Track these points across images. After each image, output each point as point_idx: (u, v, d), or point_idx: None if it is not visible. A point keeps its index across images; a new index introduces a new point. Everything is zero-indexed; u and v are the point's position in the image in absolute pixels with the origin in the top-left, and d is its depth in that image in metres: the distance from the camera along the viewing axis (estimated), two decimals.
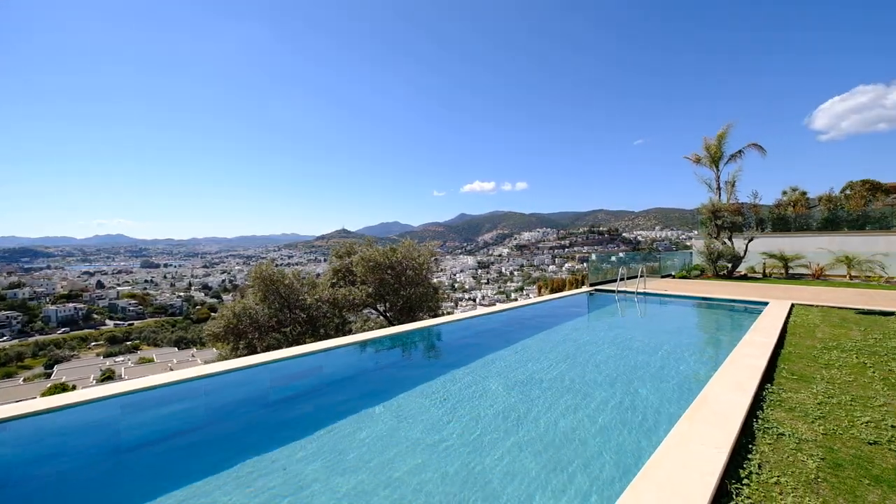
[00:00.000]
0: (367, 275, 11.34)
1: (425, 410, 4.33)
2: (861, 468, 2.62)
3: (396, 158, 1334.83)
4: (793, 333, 6.24)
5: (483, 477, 3.02)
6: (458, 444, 3.51)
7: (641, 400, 4.40)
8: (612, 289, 12.46)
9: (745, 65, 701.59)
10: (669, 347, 6.59)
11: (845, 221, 17.07)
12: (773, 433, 3.07)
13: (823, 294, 10.35)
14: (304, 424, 4.16)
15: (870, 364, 4.69)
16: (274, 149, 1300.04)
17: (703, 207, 17.40)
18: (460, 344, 7.46)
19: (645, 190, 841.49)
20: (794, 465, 2.65)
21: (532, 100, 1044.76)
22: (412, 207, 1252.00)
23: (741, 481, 2.48)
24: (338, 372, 6.01)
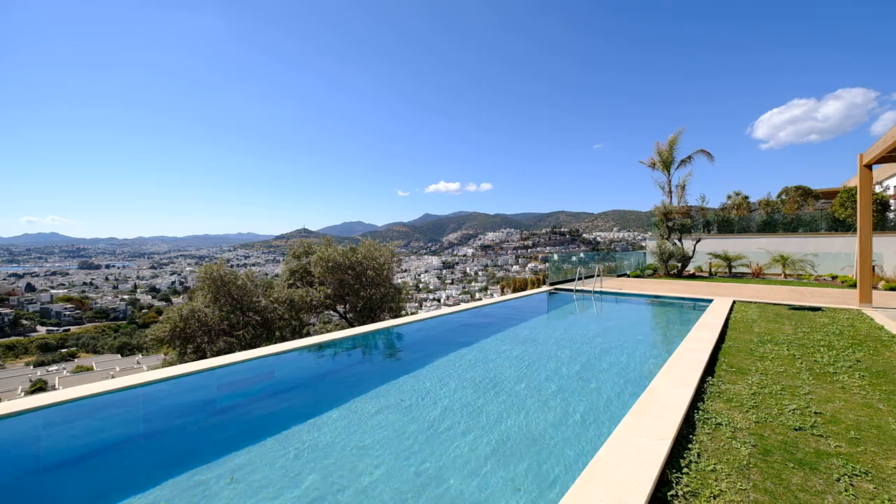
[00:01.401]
0: (325, 275, 11.05)
1: (385, 412, 4.25)
2: (787, 453, 2.82)
3: (361, 157, 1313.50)
4: (733, 328, 6.68)
5: (441, 476, 3.00)
6: (419, 444, 3.47)
7: (594, 394, 4.54)
8: (570, 288, 12.86)
9: (696, 77, 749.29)
10: (622, 344, 6.87)
11: (781, 224, 18.55)
12: (711, 423, 3.25)
13: (761, 291, 11.19)
14: (256, 431, 3.96)
15: (798, 356, 5.09)
16: (229, 146, 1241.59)
17: (657, 210, 18.35)
18: (423, 344, 7.41)
19: (604, 192, 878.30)
20: (729, 453, 2.81)
21: (499, 100, 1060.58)
22: (376, 207, 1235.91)
23: (681, 470, 2.60)
24: (293, 376, 5.79)
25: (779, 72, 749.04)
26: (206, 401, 4.89)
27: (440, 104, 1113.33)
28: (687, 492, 2.39)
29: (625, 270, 18.48)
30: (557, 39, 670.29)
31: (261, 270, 71.57)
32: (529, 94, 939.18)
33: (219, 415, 4.53)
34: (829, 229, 16.96)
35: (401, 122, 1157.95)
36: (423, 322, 8.34)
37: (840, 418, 3.34)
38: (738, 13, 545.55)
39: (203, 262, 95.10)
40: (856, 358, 4.96)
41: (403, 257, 16.74)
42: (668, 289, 12.11)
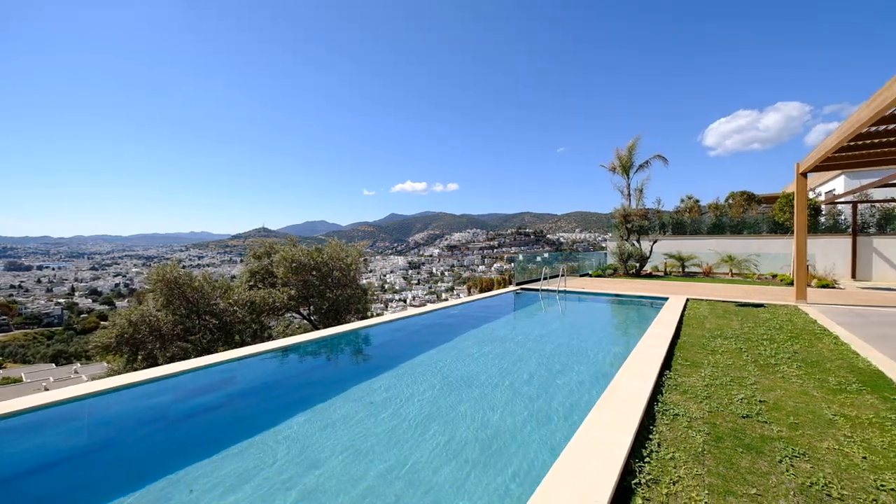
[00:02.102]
0: (289, 276, 10.73)
1: (352, 416, 4.20)
2: (736, 439, 3.06)
3: (325, 155, 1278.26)
4: (687, 325, 7.13)
5: (414, 476, 3.01)
6: (386, 446, 3.46)
7: (562, 391, 4.71)
8: (536, 287, 13.20)
9: (651, 86, 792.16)
10: (586, 341, 7.15)
11: (728, 227, 19.92)
12: (669, 414, 3.47)
13: (711, 290, 11.98)
14: (216, 440, 3.80)
15: (744, 349, 5.51)
16: (180, 142, 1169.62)
17: (616, 212, 19.21)
18: (390, 346, 7.37)
19: (567, 194, 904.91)
20: (686, 441, 3.02)
21: (466, 100, 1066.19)
22: (340, 206, 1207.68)
23: (643, 459, 2.76)
24: (255, 381, 5.58)
25: (726, 84, 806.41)
26: (160, 410, 4.63)
27: (407, 103, 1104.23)
28: (649, 479, 2.54)
29: (587, 270, 19.19)
30: (525, 39, 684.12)
31: (216, 271, 68.16)
32: (496, 94, 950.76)
33: (174, 425, 4.31)
34: (770, 232, 18.40)
35: (366, 120, 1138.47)
36: (392, 323, 8.29)
37: (781, 405, 3.66)
38: (689, 33, 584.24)
39: (151, 262, 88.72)
40: (793, 350, 5.44)
41: (369, 257, 16.49)
42: (628, 288, 12.71)
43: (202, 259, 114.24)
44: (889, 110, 5.04)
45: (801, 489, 2.45)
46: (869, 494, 2.40)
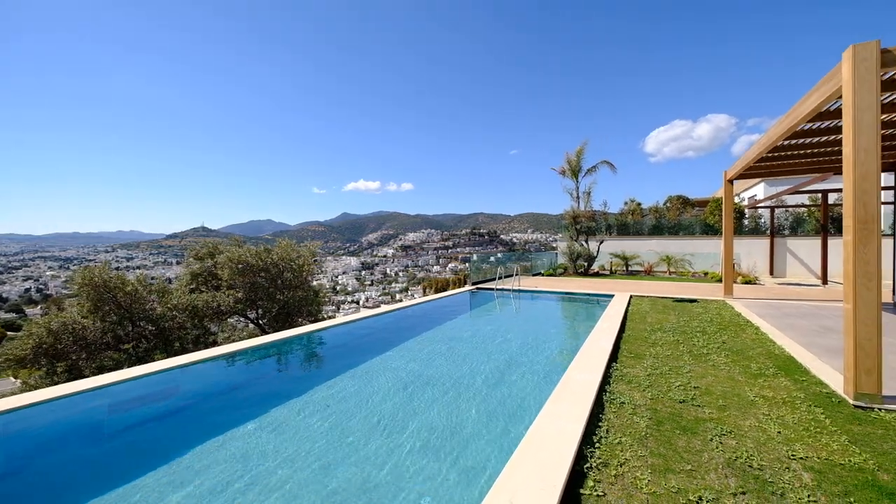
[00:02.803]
0: (235, 278, 10.20)
1: (304, 422, 4.11)
2: (674, 422, 3.37)
3: (270, 152, 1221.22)
4: (631, 320, 7.65)
5: (371, 481, 3.01)
6: (340, 451, 3.43)
7: (517, 386, 4.90)
8: (491, 287, 13.53)
9: (602, 93, 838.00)
10: (540, 337, 7.46)
11: (667, 228, 21.52)
12: (616, 403, 3.74)
13: (652, 287, 12.91)
14: (151, 455, 3.57)
15: (681, 341, 6.03)
16: (104, 137, 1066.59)
17: (566, 214, 20.12)
18: (344, 348, 7.25)
19: (519, 195, 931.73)
20: (631, 427, 3.28)
21: (422, 100, 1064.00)
22: (288, 205, 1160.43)
23: (594, 445, 2.97)
24: (198, 391, 5.28)
25: (665, 96, 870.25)
26: (89, 426, 4.27)
27: (363, 102, 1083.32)
28: (599, 463, 2.74)
29: (539, 270, 19.91)
30: (482, 38, 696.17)
31: (149, 274, 62.86)
32: (453, 95, 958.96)
33: (104, 442, 3.99)
34: (703, 233, 20.11)
35: (317, 118, 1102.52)
36: (348, 325, 8.15)
37: (712, 390, 4.07)
38: (632, 44, 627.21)
39: (71, 265, 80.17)
40: (722, 340, 6.03)
41: (321, 258, 16.03)
42: (577, 286, 13.38)
43: (132, 261, 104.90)
44: (799, 126, 5.74)
45: (728, 462, 2.76)
46: (783, 463, 2.75)
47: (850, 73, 3.73)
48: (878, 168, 3.68)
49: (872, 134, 3.64)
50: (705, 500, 2.35)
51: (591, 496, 2.41)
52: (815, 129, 6.43)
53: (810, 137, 6.80)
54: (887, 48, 3.68)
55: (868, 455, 2.82)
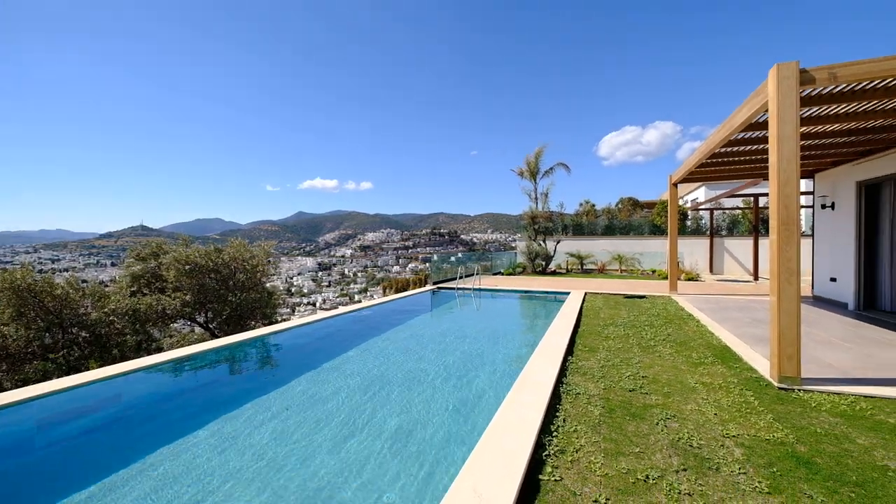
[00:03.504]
0: (182, 279, 9.64)
1: (258, 429, 4.00)
2: (625, 410, 3.62)
3: (218, 147, 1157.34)
4: (586, 315, 8.05)
5: (334, 481, 3.01)
6: (300, 452, 3.39)
7: (480, 381, 5.03)
8: (452, 286, 13.68)
9: (557, 98, 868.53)
10: (500, 335, 7.67)
11: (618, 228, 22.69)
12: (572, 394, 3.96)
13: (605, 284, 13.60)
14: (88, 472, 3.35)
15: (631, 334, 6.43)
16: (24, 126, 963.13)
17: (525, 214, 20.72)
18: (302, 351, 7.09)
19: (479, 196, 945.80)
20: (586, 415, 3.48)
21: (381, 96, 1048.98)
22: (239, 203, 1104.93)
23: (552, 434, 3.13)
24: (141, 400, 4.98)
25: (615, 103, 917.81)
26: (5, 446, 3.92)
27: (318, 98, 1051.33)
28: (556, 450, 2.90)
29: (499, 269, 20.35)
30: (448, 38, 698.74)
31: (80, 276, 57.66)
32: (415, 95, 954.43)
33: (24, 461, 3.69)
34: (651, 233, 21.41)
35: (267, 113, 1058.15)
36: (305, 327, 7.96)
37: (658, 379, 4.40)
38: (589, 55, 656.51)
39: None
40: (667, 333, 6.49)
41: (275, 258, 15.37)
42: (536, 284, 13.84)
43: (58, 262, 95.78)
44: (733, 135, 6.29)
45: (672, 443, 3.01)
46: (718, 441, 3.04)
47: (775, 89, 4.17)
48: (798, 175, 4.14)
49: (793, 144, 4.09)
50: (651, 479, 2.57)
51: (550, 481, 2.55)
52: (747, 139, 7.07)
53: (743, 146, 7.46)
54: (805, 68, 4.14)
55: (788, 430, 3.18)
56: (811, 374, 4.35)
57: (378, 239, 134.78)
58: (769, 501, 2.35)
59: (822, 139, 7.00)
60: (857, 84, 4.61)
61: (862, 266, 8.20)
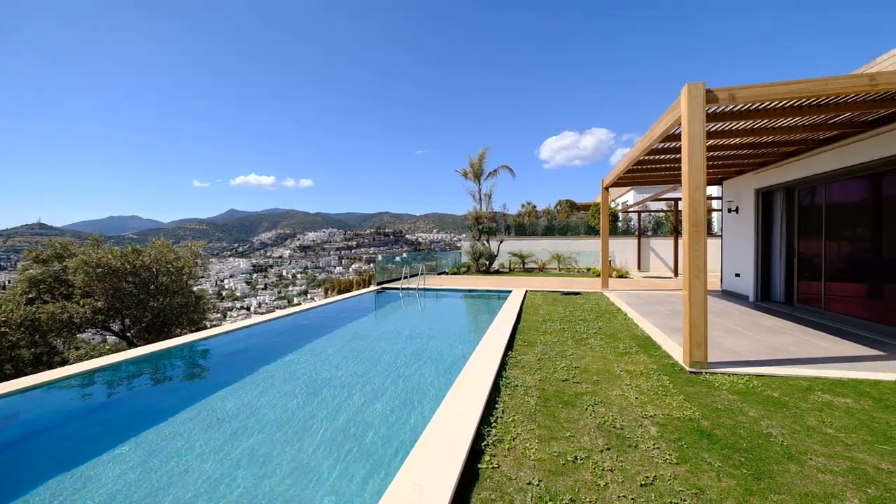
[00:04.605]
0: (93, 284, 8.73)
1: (183, 443, 3.80)
2: (558, 398, 3.91)
3: (137, 138, 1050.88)
4: (526, 312, 8.46)
5: (273, 491, 2.95)
6: (234, 463, 3.28)
7: (423, 379, 5.13)
8: (396, 287, 13.68)
9: (504, 97, 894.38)
10: (445, 332, 7.83)
11: (557, 229, 23.94)
12: (511, 386, 4.19)
13: (545, 282, 14.32)
14: None
15: (566, 329, 6.88)
16: None
17: (470, 215, 21.19)
18: (235, 357, 6.75)
19: (425, 195, 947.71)
20: (523, 405, 3.72)
21: (323, 95, 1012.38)
22: (161, 199, 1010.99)
23: (491, 425, 3.31)
24: (42, 419, 4.50)
25: (555, 108, 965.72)
26: None
27: (248, 91, 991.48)
28: (495, 440, 3.08)
29: (444, 269, 20.64)
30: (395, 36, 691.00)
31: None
32: (357, 92, 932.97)
33: None
34: (586, 233, 22.83)
35: (194, 102, 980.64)
36: (238, 332, 7.58)
37: (589, 369, 4.77)
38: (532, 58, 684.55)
39: None
40: (599, 326, 7.03)
41: (204, 259, 14.25)
42: (479, 283, 14.23)
43: None
44: (654, 145, 6.96)
45: (598, 427, 3.32)
46: (638, 422, 3.39)
47: (686, 106, 4.70)
48: (704, 182, 4.70)
49: (701, 154, 4.65)
50: (579, 459, 2.82)
51: (488, 468, 2.71)
52: (667, 148, 7.83)
53: (663, 154, 8.26)
54: (710, 89, 4.71)
55: (696, 408, 3.63)
56: (716, 359, 4.96)
57: (319, 239, 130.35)
58: (676, 470, 2.68)
59: (727, 151, 7.94)
60: (751, 104, 5.31)
61: (760, 263, 9.41)
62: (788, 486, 2.51)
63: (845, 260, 7.20)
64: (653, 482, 2.55)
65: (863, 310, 6.70)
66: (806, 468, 2.70)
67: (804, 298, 8.20)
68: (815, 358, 5.05)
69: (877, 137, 6.13)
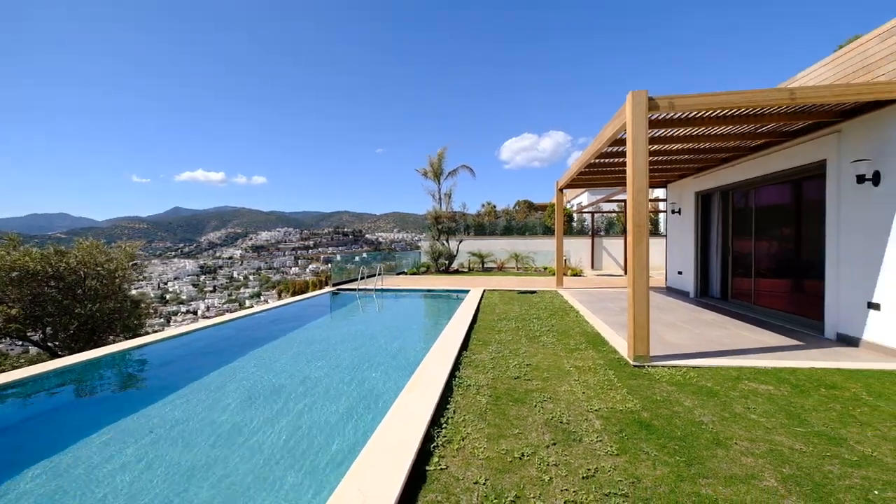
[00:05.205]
0: (7, 289, 7.91)
1: (115, 460, 3.54)
2: (509, 396, 3.99)
3: (61, 129, 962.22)
4: (482, 311, 8.57)
5: (243, 483, 2.80)
6: (171, 478, 3.09)
7: (375, 382, 5.07)
8: (353, 287, 13.43)
9: (462, 102, 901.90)
10: (401, 333, 7.78)
11: (516, 229, 24.46)
12: (463, 385, 4.23)
13: (503, 281, 14.58)
14: None
15: (521, 327, 7.04)
16: None
17: (430, 214, 21.20)
18: (173, 367, 6.35)
19: (385, 195, 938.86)
20: (474, 405, 3.76)
21: (281, 89, 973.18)
22: (95, 195, 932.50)
23: (441, 426, 3.33)
24: None
25: (517, 110, 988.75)
26: None
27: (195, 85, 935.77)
28: (444, 441, 3.10)
29: (403, 269, 20.52)
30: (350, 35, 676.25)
31: None
32: (314, 88, 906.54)
33: None
34: (544, 233, 23.50)
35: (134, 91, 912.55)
36: (179, 338, 7.14)
37: (540, 366, 4.91)
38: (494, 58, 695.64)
39: None
40: (552, 324, 7.25)
41: (143, 261, 13.23)
42: (438, 283, 14.27)
43: None
44: (603, 149, 7.28)
45: (546, 422, 3.42)
46: (583, 416, 3.53)
47: (630, 112, 4.94)
48: (647, 184, 4.97)
49: (644, 158, 4.90)
50: (526, 456, 2.89)
51: (436, 470, 2.72)
52: (615, 152, 8.20)
53: (613, 158, 8.64)
54: (652, 97, 4.97)
55: (637, 401, 3.83)
56: (658, 353, 5.25)
57: (274, 238, 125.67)
58: (616, 461, 2.82)
59: (670, 156, 8.44)
60: (689, 112, 5.68)
61: (699, 261, 10.09)
62: (715, 470, 2.70)
63: (771, 258, 7.87)
64: (594, 474, 2.66)
65: (786, 304, 7.35)
66: (731, 452, 2.91)
67: (737, 294, 8.88)
68: (745, 349, 5.48)
69: (796, 147, 6.74)
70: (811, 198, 6.69)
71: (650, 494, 2.46)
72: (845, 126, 5.80)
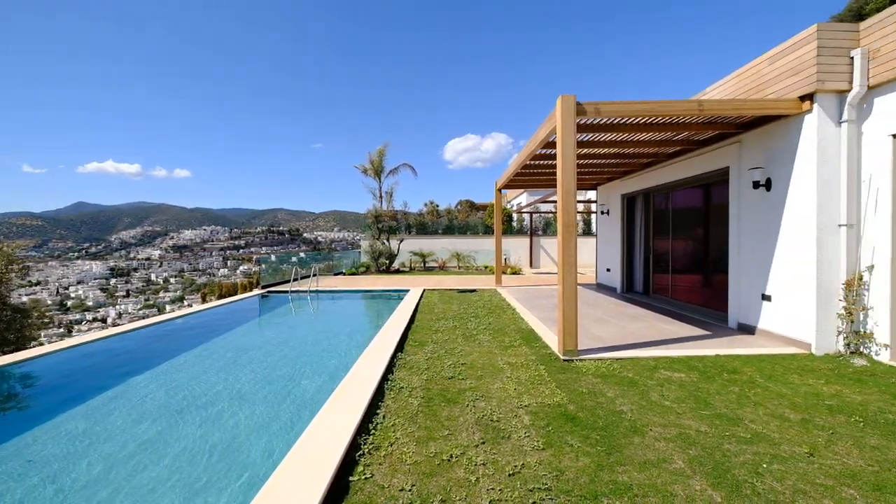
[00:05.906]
0: None
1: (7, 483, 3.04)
2: (442, 397, 3.97)
3: None
4: (421, 311, 8.53)
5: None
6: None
7: (303, 387, 4.82)
8: (285, 289, 12.80)
9: (409, 99, 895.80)
10: (333, 337, 7.50)
11: (457, 228, 24.73)
12: (396, 388, 4.15)
13: (444, 281, 14.65)
14: None
15: (458, 326, 7.09)
16: None
17: (369, 213, 20.78)
18: (66, 381, 5.62)
19: (324, 192, 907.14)
20: (406, 408, 3.70)
21: (211, 76, 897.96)
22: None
23: (369, 432, 3.23)
24: None
25: (460, 110, 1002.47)
26: None
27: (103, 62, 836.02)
28: (371, 448, 3.00)
29: (343, 269, 19.92)
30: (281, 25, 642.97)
31: None
32: (245, 75, 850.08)
33: None
34: (485, 233, 23.99)
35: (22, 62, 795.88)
36: (73, 350, 6.33)
37: (475, 364, 4.96)
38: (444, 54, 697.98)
39: None
40: (489, 322, 7.39)
41: (35, 263, 11.47)
42: (378, 283, 14.02)
43: None
44: (537, 151, 7.54)
45: (477, 421, 3.44)
46: (513, 413, 3.60)
47: (560, 116, 5.14)
48: (575, 186, 5.19)
49: (572, 161, 5.12)
50: (454, 457, 2.88)
51: (360, 480, 2.62)
52: (548, 154, 8.55)
53: (547, 160, 9.00)
54: (580, 102, 5.21)
55: (564, 394, 3.98)
56: (585, 346, 5.54)
57: (199, 237, 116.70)
58: (542, 456, 2.90)
59: (598, 159, 8.94)
60: (614, 118, 6.04)
61: (625, 259, 10.82)
62: (632, 457, 2.87)
63: (686, 256, 8.63)
64: (520, 470, 2.71)
65: (698, 297, 8.09)
66: (647, 439, 3.12)
67: (657, 289, 9.63)
68: (662, 340, 5.94)
69: (706, 154, 7.44)
70: (718, 201, 7.41)
71: (571, 486, 2.55)
72: (745, 137, 6.49)
